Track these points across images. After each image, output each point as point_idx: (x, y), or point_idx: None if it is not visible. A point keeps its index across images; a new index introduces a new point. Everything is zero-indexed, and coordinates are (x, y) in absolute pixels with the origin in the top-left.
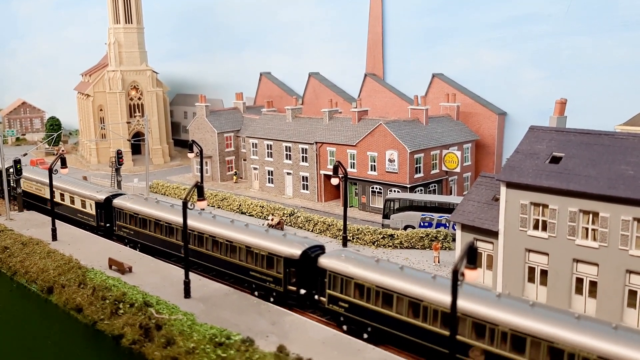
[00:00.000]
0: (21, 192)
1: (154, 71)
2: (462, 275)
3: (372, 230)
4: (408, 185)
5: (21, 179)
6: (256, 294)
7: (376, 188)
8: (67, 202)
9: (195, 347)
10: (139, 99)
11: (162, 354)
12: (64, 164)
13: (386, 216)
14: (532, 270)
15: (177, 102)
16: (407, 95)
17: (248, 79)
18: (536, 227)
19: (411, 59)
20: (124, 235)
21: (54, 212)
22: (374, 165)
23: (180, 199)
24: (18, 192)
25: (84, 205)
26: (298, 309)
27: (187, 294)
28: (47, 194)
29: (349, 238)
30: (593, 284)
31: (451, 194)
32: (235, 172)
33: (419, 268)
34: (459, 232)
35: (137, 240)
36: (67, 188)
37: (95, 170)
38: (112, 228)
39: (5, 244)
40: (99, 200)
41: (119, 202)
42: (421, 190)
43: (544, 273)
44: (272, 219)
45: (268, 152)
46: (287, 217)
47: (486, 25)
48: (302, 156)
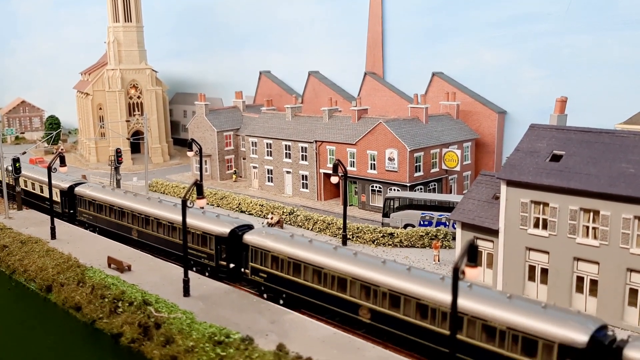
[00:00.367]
0: (20, 190)
1: (153, 70)
2: (463, 273)
3: (371, 228)
4: (408, 184)
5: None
6: (194, 269)
7: (376, 187)
8: (37, 191)
9: (195, 345)
10: (139, 97)
11: (161, 352)
12: (62, 163)
13: (386, 215)
14: (532, 268)
15: (176, 100)
16: (406, 93)
17: (247, 77)
18: (536, 225)
19: (411, 57)
20: (84, 220)
21: (53, 210)
22: (374, 163)
23: (180, 197)
24: (17, 190)
25: (51, 193)
26: (229, 281)
27: (187, 292)
28: (37, 190)
29: (348, 237)
30: (594, 283)
31: (451, 192)
32: (235, 170)
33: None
34: (459, 231)
35: (95, 224)
36: (37, 178)
37: (95, 169)
38: (74, 214)
39: (4, 242)
40: (63, 189)
41: (79, 190)
42: (421, 188)
43: (544, 272)
44: (271, 218)
45: (267, 151)
46: (286, 215)
47: (486, 24)
48: (302, 155)
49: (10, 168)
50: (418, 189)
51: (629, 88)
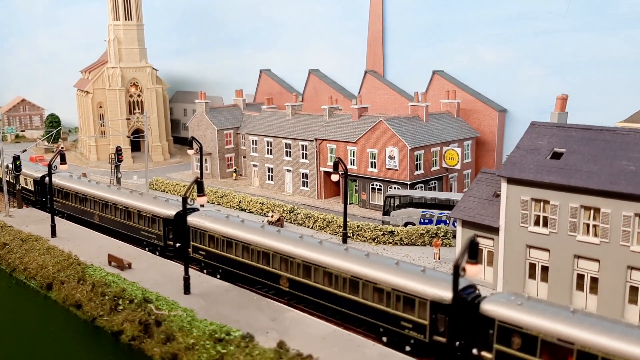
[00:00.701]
0: (20, 188)
1: (153, 68)
2: (463, 270)
3: (372, 226)
4: (408, 182)
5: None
6: (147, 249)
7: (376, 185)
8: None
9: (195, 343)
10: (139, 96)
11: (161, 350)
12: (63, 161)
13: (386, 213)
14: (532, 266)
15: (176, 99)
16: (407, 92)
17: (248, 76)
18: (537, 223)
19: (411, 55)
20: (56, 208)
21: (53, 206)
22: (374, 162)
23: (180, 195)
24: (17, 188)
25: (26, 183)
26: (176, 259)
27: (187, 290)
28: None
29: (349, 235)
30: (594, 280)
31: (451, 190)
32: (235, 169)
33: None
34: (459, 229)
35: (64, 211)
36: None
37: (95, 167)
38: (46, 202)
39: (5, 240)
40: (36, 178)
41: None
42: (421, 187)
43: (544, 269)
44: (272, 216)
45: (268, 149)
46: (287, 214)
47: (487, 22)
48: (302, 153)
49: (10, 166)
50: (418, 187)
51: (630, 86)
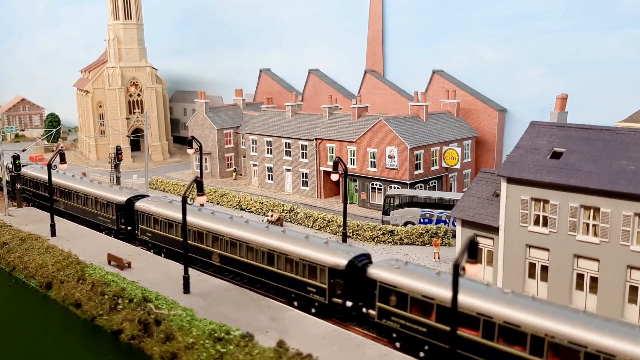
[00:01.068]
0: (20, 187)
1: (153, 68)
2: (463, 269)
3: (372, 226)
4: (408, 182)
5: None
6: (104, 233)
7: (376, 184)
8: None
9: (195, 342)
10: (139, 95)
11: (161, 349)
12: (62, 160)
13: (386, 212)
14: (532, 266)
15: (176, 98)
16: (407, 91)
17: (247, 75)
18: (537, 222)
19: (411, 55)
20: (27, 197)
21: (53, 206)
22: (374, 161)
23: (180, 194)
24: (17, 187)
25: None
26: (128, 241)
27: (187, 289)
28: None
29: (348, 234)
30: (594, 280)
31: (451, 190)
32: (235, 168)
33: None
34: (459, 228)
35: (35, 199)
36: None
37: (95, 167)
38: (20, 192)
39: (4, 239)
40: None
41: (24, 170)
42: (421, 186)
43: (544, 269)
44: (271, 215)
45: (267, 149)
46: (286, 213)
47: (486, 21)
48: (302, 152)
49: (10, 165)
50: (418, 187)
51: (630, 86)
